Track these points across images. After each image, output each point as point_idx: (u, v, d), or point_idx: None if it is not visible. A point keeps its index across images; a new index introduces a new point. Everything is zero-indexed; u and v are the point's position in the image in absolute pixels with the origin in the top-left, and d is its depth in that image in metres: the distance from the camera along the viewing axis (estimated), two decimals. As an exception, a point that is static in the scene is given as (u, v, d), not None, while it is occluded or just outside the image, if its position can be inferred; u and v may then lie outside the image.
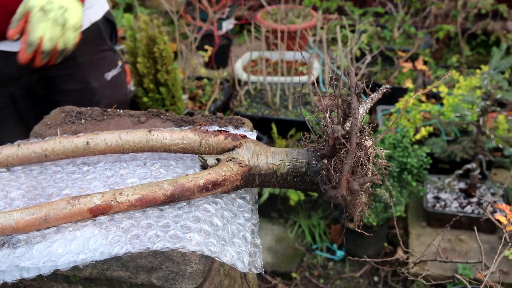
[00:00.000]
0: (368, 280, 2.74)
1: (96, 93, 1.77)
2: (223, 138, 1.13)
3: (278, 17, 3.91)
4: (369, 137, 1.05)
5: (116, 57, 1.86)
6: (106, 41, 1.81)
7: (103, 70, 1.79)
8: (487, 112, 2.61)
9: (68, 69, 1.71)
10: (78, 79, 1.74)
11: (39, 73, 1.68)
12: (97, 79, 1.77)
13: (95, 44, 1.76)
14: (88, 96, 1.76)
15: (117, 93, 1.84)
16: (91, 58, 1.75)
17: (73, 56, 1.68)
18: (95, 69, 1.77)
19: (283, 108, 3.64)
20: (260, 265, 1.04)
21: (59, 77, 1.71)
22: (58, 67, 1.67)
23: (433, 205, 2.85)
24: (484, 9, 4.18)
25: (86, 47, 1.72)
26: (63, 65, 1.68)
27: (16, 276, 0.96)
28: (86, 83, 1.75)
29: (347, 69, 1.07)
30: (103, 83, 1.79)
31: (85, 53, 1.73)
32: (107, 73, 1.80)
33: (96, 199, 0.99)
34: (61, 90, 1.73)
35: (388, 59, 4.12)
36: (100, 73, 1.78)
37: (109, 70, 1.81)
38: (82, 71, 1.74)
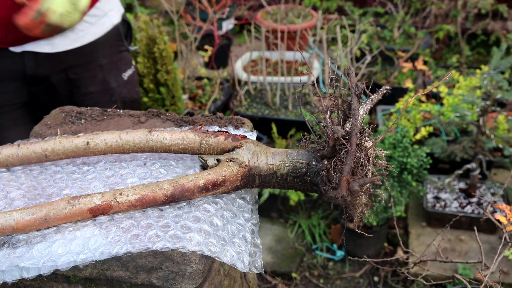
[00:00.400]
0: (368, 280, 2.74)
1: (113, 92, 1.82)
2: (223, 138, 1.13)
3: (278, 17, 3.91)
4: (369, 138, 1.05)
5: (130, 57, 1.91)
6: (124, 42, 1.86)
7: (120, 71, 1.84)
8: (487, 112, 2.61)
9: (91, 71, 1.76)
10: (99, 81, 1.79)
11: (65, 74, 1.73)
12: (115, 79, 1.82)
13: (115, 45, 1.81)
14: (106, 97, 1.81)
15: (131, 92, 1.89)
16: (111, 59, 1.80)
17: (96, 58, 1.75)
18: (113, 70, 1.82)
19: (283, 108, 3.64)
20: (260, 265, 1.04)
21: (82, 79, 1.76)
22: (81, 69, 1.74)
23: (433, 205, 2.85)
24: (484, 9, 4.18)
25: (108, 49, 1.78)
26: (86, 67, 1.75)
27: (16, 276, 0.96)
28: (105, 84, 1.80)
29: (347, 69, 1.07)
30: (120, 83, 1.84)
31: (106, 55, 1.78)
32: (124, 73, 1.85)
33: (96, 199, 0.99)
34: (83, 93, 1.78)
35: (388, 59, 4.12)
36: (118, 74, 1.83)
37: (125, 70, 1.86)
38: (102, 73, 1.79)
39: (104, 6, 1.75)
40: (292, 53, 4.12)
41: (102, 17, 1.74)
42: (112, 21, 1.78)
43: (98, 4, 1.73)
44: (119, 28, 1.82)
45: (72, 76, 1.74)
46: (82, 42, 1.71)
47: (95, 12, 1.72)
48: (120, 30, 1.83)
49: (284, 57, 3.84)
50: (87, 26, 1.71)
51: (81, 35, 1.70)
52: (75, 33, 1.69)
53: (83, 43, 1.71)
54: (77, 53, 1.71)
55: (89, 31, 1.71)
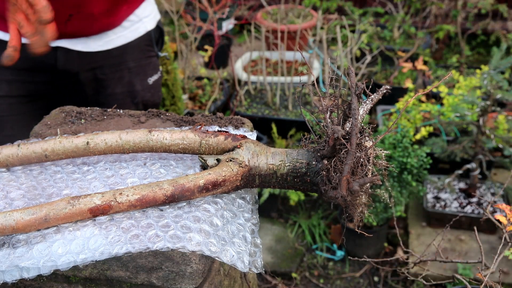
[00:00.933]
0: (368, 280, 2.74)
1: (137, 95, 1.85)
2: (223, 138, 1.13)
3: (278, 17, 3.91)
4: (369, 138, 1.05)
5: (158, 63, 1.94)
6: (154, 47, 1.89)
7: (147, 75, 1.86)
8: (487, 112, 2.61)
9: (118, 72, 1.79)
10: (125, 83, 1.82)
11: (93, 73, 1.76)
12: (140, 83, 1.85)
13: (145, 50, 1.84)
14: (129, 98, 1.84)
15: (154, 96, 1.92)
16: (139, 63, 1.83)
17: (125, 60, 1.78)
18: (140, 74, 1.85)
19: (283, 108, 3.64)
20: (260, 265, 1.04)
21: (109, 80, 1.78)
22: (110, 70, 1.77)
23: (433, 205, 2.85)
24: (484, 9, 4.18)
25: (137, 53, 1.81)
26: (114, 69, 1.77)
27: (16, 276, 0.96)
28: (131, 86, 1.83)
29: (347, 69, 1.07)
30: (145, 87, 1.86)
31: (135, 58, 1.81)
32: (150, 78, 1.88)
33: (96, 199, 0.99)
34: (109, 93, 1.80)
35: (388, 59, 4.12)
36: (144, 78, 1.86)
37: (151, 75, 1.88)
38: (129, 75, 1.81)
39: (141, 12, 1.78)
40: (292, 53, 4.12)
41: (137, 23, 1.78)
42: (146, 27, 1.82)
43: (136, 11, 1.77)
44: (151, 34, 1.85)
45: (101, 76, 1.77)
46: (114, 44, 1.74)
47: (132, 17, 1.76)
48: (152, 36, 1.86)
49: (284, 57, 3.84)
50: (121, 30, 1.74)
51: (113, 37, 1.73)
52: (109, 36, 1.72)
53: (115, 45, 1.75)
54: (107, 54, 1.75)
55: (122, 35, 1.75)
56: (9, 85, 1.70)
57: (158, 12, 1.91)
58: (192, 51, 3.84)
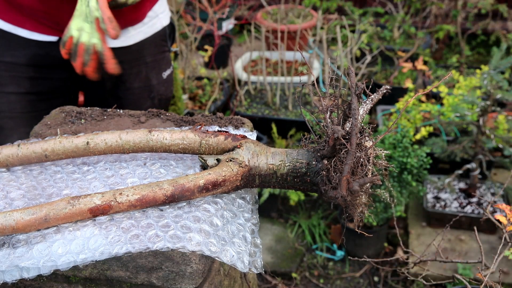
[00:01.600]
0: (368, 280, 2.74)
1: (153, 89, 1.90)
2: (223, 138, 1.13)
3: (278, 17, 3.91)
4: (369, 138, 1.05)
5: (170, 57, 2.00)
6: (167, 42, 1.94)
7: (161, 69, 1.92)
8: (487, 112, 2.61)
9: (136, 67, 1.84)
10: (143, 77, 1.87)
11: None
12: (156, 77, 1.90)
13: (160, 45, 1.89)
14: (146, 93, 1.89)
15: (167, 91, 1.97)
16: (155, 58, 1.88)
17: (143, 55, 1.83)
18: (156, 68, 1.90)
19: (283, 108, 3.64)
20: (260, 265, 1.04)
21: (127, 75, 1.83)
22: (129, 65, 1.81)
23: (433, 205, 2.85)
24: (484, 9, 4.18)
25: (154, 47, 1.86)
26: (133, 64, 1.82)
27: (16, 276, 0.96)
28: (148, 80, 1.88)
29: (347, 69, 1.07)
30: (160, 81, 1.92)
31: (151, 53, 1.86)
32: (164, 72, 1.93)
33: (96, 199, 0.99)
34: (127, 87, 1.85)
35: (388, 59, 4.12)
36: (159, 72, 1.91)
37: (165, 69, 1.94)
38: (146, 70, 1.87)
39: (157, 8, 1.83)
40: (292, 53, 4.12)
41: (154, 18, 1.83)
42: (162, 22, 1.87)
43: (154, 7, 1.81)
44: (166, 29, 1.90)
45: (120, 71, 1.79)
46: (134, 40, 1.79)
47: (150, 13, 1.80)
48: (166, 31, 1.91)
49: (284, 57, 3.84)
50: (140, 25, 1.79)
51: (133, 33, 1.78)
52: (129, 32, 1.77)
53: (134, 41, 1.79)
54: (127, 50, 1.79)
55: (141, 30, 1.80)
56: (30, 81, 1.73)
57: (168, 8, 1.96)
58: (192, 51, 3.84)
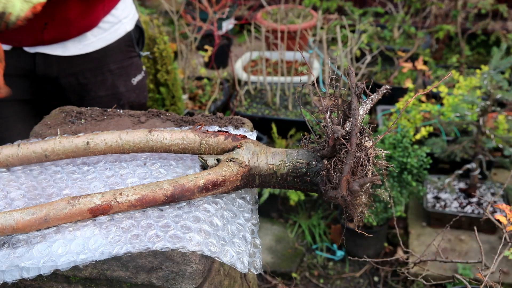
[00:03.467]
0: (368, 280, 2.74)
1: (122, 97, 1.85)
2: (223, 138, 1.13)
3: (278, 17, 3.91)
4: (369, 138, 1.05)
5: (141, 63, 1.93)
6: (135, 48, 1.88)
7: (130, 76, 1.86)
8: (487, 112, 2.61)
9: (101, 76, 1.78)
10: (108, 85, 1.81)
11: (75, 77, 1.75)
12: (124, 84, 1.84)
13: (126, 51, 1.83)
14: (114, 101, 1.83)
15: (139, 97, 1.91)
16: (121, 65, 1.82)
17: (106, 63, 1.77)
18: (123, 75, 1.84)
19: (283, 108, 3.64)
20: (260, 266, 1.04)
21: (92, 84, 1.78)
22: (92, 73, 1.76)
23: (433, 205, 2.85)
24: (484, 9, 4.18)
25: (119, 54, 1.80)
26: (96, 72, 1.76)
27: (16, 276, 0.96)
28: (114, 88, 1.83)
29: (347, 69, 1.07)
30: (129, 88, 1.86)
31: (116, 60, 1.80)
32: (133, 78, 1.87)
33: (96, 199, 0.99)
34: (92, 96, 1.80)
35: (388, 59, 4.12)
36: (127, 79, 1.85)
37: (135, 75, 1.88)
38: (112, 78, 1.81)
39: (119, 13, 1.77)
40: (292, 53, 4.12)
41: (116, 24, 1.77)
42: (126, 28, 1.80)
43: (114, 11, 1.74)
44: (131, 34, 1.84)
45: (83, 80, 1.77)
46: (94, 47, 1.73)
47: (110, 18, 1.74)
48: (133, 37, 1.85)
49: (284, 57, 3.84)
50: (100, 32, 1.73)
51: (93, 40, 1.72)
52: (88, 39, 1.71)
53: (95, 48, 1.73)
54: (88, 57, 1.74)
55: (101, 37, 1.74)
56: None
57: (136, 12, 1.89)
58: (192, 51, 3.84)
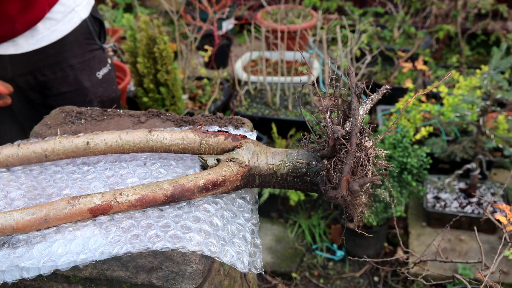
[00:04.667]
0: (368, 280, 2.74)
1: (88, 92, 1.78)
2: (223, 138, 1.13)
3: (278, 17, 3.91)
4: (369, 138, 1.05)
5: (105, 55, 1.86)
6: (95, 40, 1.79)
7: (94, 69, 1.79)
8: (487, 112, 2.61)
9: (60, 72, 1.71)
10: (71, 81, 1.74)
11: (33, 76, 1.68)
12: (88, 78, 1.78)
13: (85, 44, 1.75)
14: (80, 97, 1.77)
15: (108, 91, 1.85)
16: (82, 59, 1.75)
17: (65, 57, 1.69)
18: (86, 69, 1.77)
19: (283, 108, 3.64)
20: (260, 265, 1.04)
21: (52, 81, 1.71)
22: (50, 70, 1.68)
23: (433, 205, 2.85)
24: (484, 9, 4.18)
25: (77, 48, 1.72)
26: (55, 68, 1.68)
27: (16, 276, 0.96)
28: (78, 83, 1.76)
29: (347, 69, 1.07)
30: (94, 82, 1.79)
31: (76, 54, 1.72)
32: (98, 72, 1.80)
33: (96, 199, 0.99)
34: (55, 93, 1.73)
35: (388, 59, 4.12)
36: (91, 73, 1.78)
37: (99, 68, 1.81)
38: (74, 73, 1.73)
39: (70, 2, 1.67)
40: (292, 53, 4.12)
41: (69, 13, 1.67)
42: (80, 16, 1.70)
43: (64, 0, 1.65)
44: (88, 24, 1.74)
45: (41, 78, 1.69)
46: (49, 40, 1.64)
47: (60, 8, 1.64)
48: (90, 27, 1.76)
49: (284, 57, 3.84)
50: (53, 23, 1.63)
51: (47, 33, 1.63)
52: (41, 32, 1.61)
53: (50, 41, 1.64)
54: (43, 53, 1.65)
55: (55, 29, 1.64)
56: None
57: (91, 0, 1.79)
58: (192, 51, 3.84)
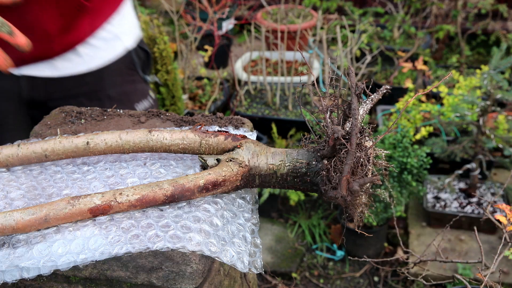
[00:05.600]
0: (368, 280, 2.74)
1: None
2: (223, 138, 1.13)
3: (278, 17, 3.91)
4: (369, 138, 1.05)
5: (147, 88, 1.76)
6: (138, 71, 1.70)
7: (133, 102, 1.69)
8: (487, 112, 2.61)
9: (97, 101, 1.61)
10: None
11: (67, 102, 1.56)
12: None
13: (126, 74, 1.66)
14: None
15: None
16: (122, 90, 1.65)
17: (103, 87, 1.60)
18: (125, 101, 1.67)
19: (283, 108, 3.64)
20: (260, 265, 1.04)
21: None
22: (87, 98, 1.59)
23: (433, 205, 2.84)
24: (484, 9, 4.18)
25: (117, 78, 1.62)
26: (92, 97, 1.60)
27: (16, 276, 0.96)
28: None
29: (347, 69, 1.07)
30: None
31: (115, 84, 1.62)
32: (137, 104, 1.71)
33: (96, 199, 0.99)
34: None
35: (388, 59, 4.12)
36: (130, 105, 1.69)
37: (139, 101, 1.71)
38: (111, 104, 1.63)
39: (115, 28, 1.58)
40: (292, 53, 4.12)
41: (113, 41, 1.58)
42: (125, 45, 1.61)
43: (109, 27, 1.56)
44: (132, 54, 1.65)
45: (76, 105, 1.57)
46: (88, 67, 1.55)
47: (104, 34, 1.55)
48: (134, 57, 1.66)
49: (284, 57, 3.84)
50: (94, 49, 1.55)
51: (87, 59, 1.54)
52: (80, 57, 1.53)
53: (89, 68, 1.55)
54: (81, 79, 1.55)
55: (96, 55, 1.55)
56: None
57: (139, 29, 1.69)
58: (192, 51, 3.84)
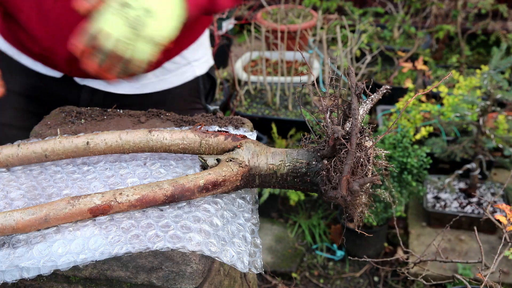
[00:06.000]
0: (368, 280, 2.74)
1: None
2: (223, 138, 1.13)
3: (278, 17, 3.91)
4: (369, 138, 1.05)
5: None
6: (201, 99, 1.63)
7: None
8: (487, 112, 2.61)
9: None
10: None
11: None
12: None
13: (189, 101, 1.59)
14: None
15: None
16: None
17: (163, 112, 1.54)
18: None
19: (283, 108, 3.64)
20: (260, 265, 1.04)
21: None
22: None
23: (433, 205, 2.85)
24: (484, 9, 4.18)
25: (180, 102, 1.56)
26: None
27: (16, 276, 0.96)
28: None
29: (347, 69, 1.07)
30: None
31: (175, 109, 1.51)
32: None
33: (96, 199, 0.99)
34: None
35: (388, 59, 4.12)
36: None
37: None
38: None
39: (190, 55, 1.52)
40: (292, 53, 4.12)
41: (184, 66, 1.53)
42: (195, 72, 1.55)
43: (185, 52, 1.51)
44: (199, 81, 1.58)
45: None
46: (153, 88, 1.49)
47: (177, 59, 1.50)
48: (200, 85, 1.60)
49: (284, 57, 3.84)
50: (163, 72, 1.50)
51: (154, 80, 1.49)
52: (148, 78, 1.48)
53: (154, 89, 1.50)
54: (143, 100, 1.49)
55: (164, 78, 1.50)
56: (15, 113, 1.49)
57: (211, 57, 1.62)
58: (192, 51, 3.84)
